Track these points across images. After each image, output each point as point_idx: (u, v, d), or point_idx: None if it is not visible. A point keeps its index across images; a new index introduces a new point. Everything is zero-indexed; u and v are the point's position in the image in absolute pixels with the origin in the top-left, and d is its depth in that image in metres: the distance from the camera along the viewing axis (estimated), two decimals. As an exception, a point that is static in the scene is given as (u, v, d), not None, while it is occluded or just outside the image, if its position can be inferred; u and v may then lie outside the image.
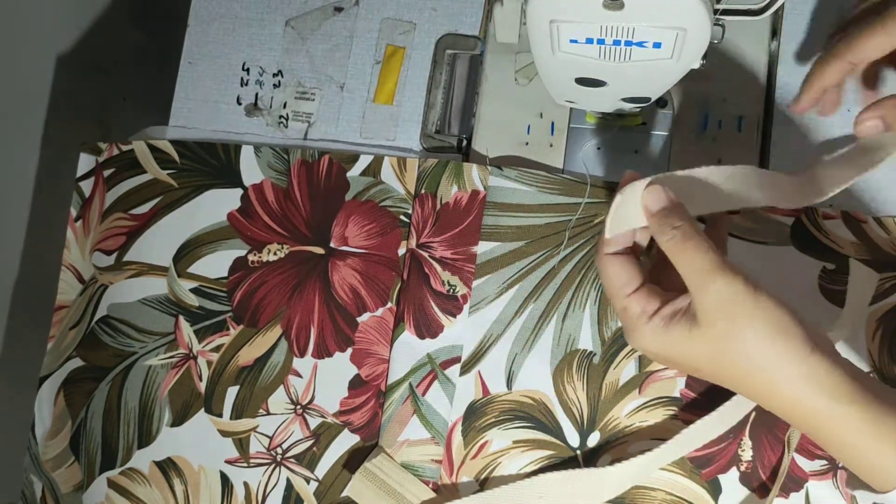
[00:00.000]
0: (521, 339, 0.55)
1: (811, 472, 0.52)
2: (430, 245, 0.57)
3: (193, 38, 0.62)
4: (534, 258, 0.56)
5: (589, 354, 0.55)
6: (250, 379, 0.57)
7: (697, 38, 0.42)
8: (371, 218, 0.58)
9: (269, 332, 0.57)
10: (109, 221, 0.60)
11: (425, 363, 0.56)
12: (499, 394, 0.55)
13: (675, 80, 0.48)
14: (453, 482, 0.55)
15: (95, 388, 0.58)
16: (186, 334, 0.58)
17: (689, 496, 0.53)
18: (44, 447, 0.59)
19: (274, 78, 0.61)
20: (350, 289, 0.57)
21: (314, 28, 0.61)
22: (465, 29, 0.60)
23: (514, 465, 0.54)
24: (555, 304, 0.55)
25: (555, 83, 0.52)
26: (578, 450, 0.54)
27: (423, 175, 0.57)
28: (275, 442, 0.56)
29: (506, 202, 0.57)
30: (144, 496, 0.57)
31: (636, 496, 0.53)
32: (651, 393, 0.54)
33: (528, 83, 0.58)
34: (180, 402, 0.57)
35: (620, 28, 0.42)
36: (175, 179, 0.60)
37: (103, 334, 0.59)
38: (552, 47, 0.45)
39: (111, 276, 0.59)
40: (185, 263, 0.59)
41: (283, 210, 0.59)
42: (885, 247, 0.54)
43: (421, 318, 0.56)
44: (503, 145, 0.58)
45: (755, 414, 0.53)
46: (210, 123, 0.61)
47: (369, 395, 0.56)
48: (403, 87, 0.60)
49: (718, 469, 0.53)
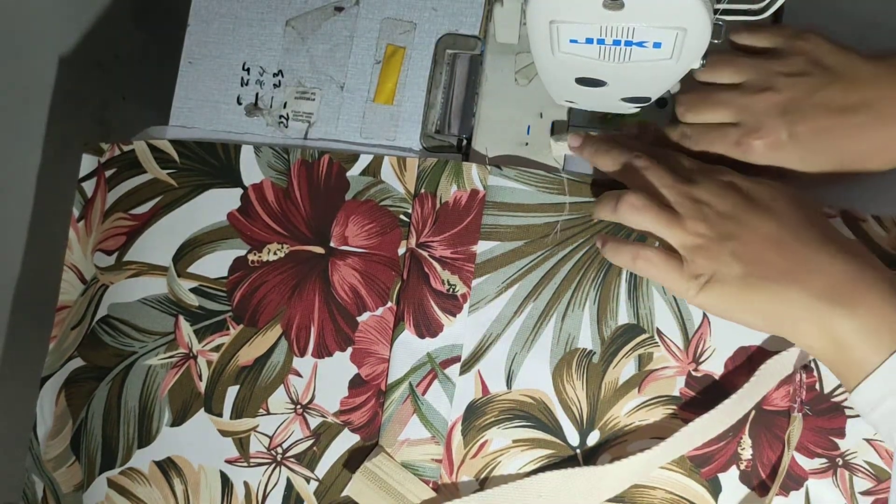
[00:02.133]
0: (520, 339, 0.55)
1: (811, 471, 0.52)
2: (429, 244, 0.57)
3: (193, 38, 0.62)
4: (533, 257, 0.56)
5: (588, 353, 0.55)
6: (250, 379, 0.57)
7: (697, 38, 0.42)
8: (371, 217, 0.58)
9: (269, 332, 0.57)
10: (110, 221, 0.60)
11: (425, 362, 0.56)
12: (498, 393, 0.55)
13: (676, 80, 0.48)
14: (453, 481, 0.55)
15: (96, 388, 0.58)
16: (186, 334, 0.58)
17: (688, 495, 0.53)
18: (45, 447, 0.59)
19: (274, 78, 0.61)
20: (350, 288, 0.57)
21: (314, 28, 0.61)
22: (465, 29, 0.60)
23: (514, 465, 0.54)
24: (554, 303, 0.55)
25: (555, 83, 0.52)
26: (578, 449, 0.54)
27: (423, 174, 0.58)
28: (275, 441, 0.56)
29: (505, 201, 0.57)
30: (144, 496, 0.57)
31: (636, 495, 0.53)
32: (650, 392, 0.54)
33: (528, 83, 0.58)
34: (180, 402, 0.57)
35: (620, 28, 0.42)
36: (175, 179, 0.60)
37: (104, 334, 0.59)
38: (552, 47, 0.45)
39: (112, 276, 0.59)
40: (185, 263, 0.59)
41: (282, 210, 0.59)
42: (885, 245, 0.54)
43: (421, 318, 0.56)
44: (503, 145, 0.58)
45: (755, 412, 0.53)
46: (210, 123, 0.61)
47: (369, 394, 0.56)
48: (403, 87, 0.60)
49: (718, 467, 0.53)
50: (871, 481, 0.52)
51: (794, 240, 0.47)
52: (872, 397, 0.44)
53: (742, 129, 0.51)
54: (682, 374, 0.54)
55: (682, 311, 0.54)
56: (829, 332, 0.45)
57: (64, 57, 0.73)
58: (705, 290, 0.48)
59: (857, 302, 0.45)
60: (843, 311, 0.45)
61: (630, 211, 0.50)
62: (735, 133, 0.51)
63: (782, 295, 0.46)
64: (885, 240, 0.54)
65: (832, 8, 0.57)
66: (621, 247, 0.52)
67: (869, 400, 0.45)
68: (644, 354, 0.54)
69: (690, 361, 0.54)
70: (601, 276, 0.55)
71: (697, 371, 0.54)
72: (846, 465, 0.52)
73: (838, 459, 0.52)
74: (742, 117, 0.51)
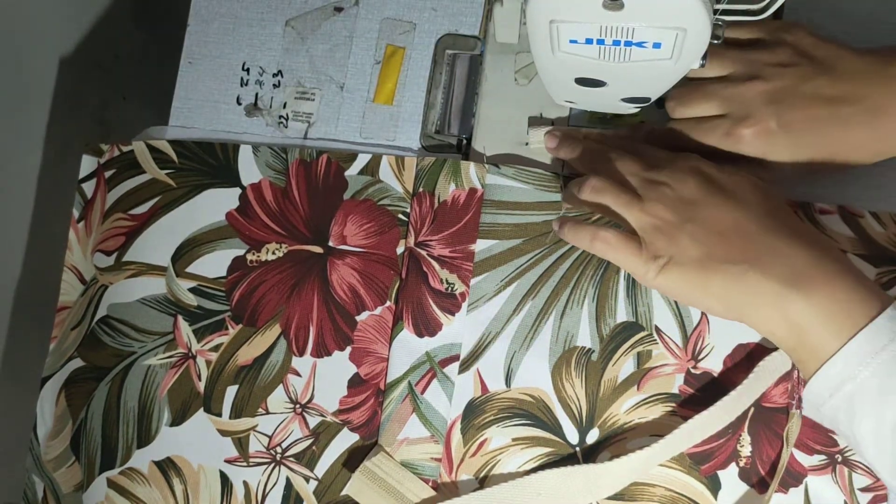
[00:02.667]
0: (519, 337, 0.56)
1: (810, 468, 0.52)
2: (428, 243, 0.57)
3: (193, 38, 0.62)
4: (531, 256, 0.56)
5: (587, 351, 0.55)
6: (249, 378, 0.57)
7: (697, 39, 0.43)
8: (369, 217, 0.58)
9: (268, 332, 0.58)
10: (110, 222, 0.60)
11: (424, 361, 0.56)
12: (498, 391, 0.55)
13: (676, 80, 0.48)
14: (453, 480, 0.55)
15: (95, 389, 0.58)
16: (185, 334, 0.58)
17: (688, 492, 0.53)
18: (45, 447, 0.59)
19: (274, 78, 0.61)
20: (349, 288, 0.57)
21: (314, 28, 0.61)
22: (465, 29, 0.60)
23: (514, 463, 0.54)
24: (553, 301, 0.56)
25: (555, 83, 0.52)
26: (577, 447, 0.54)
27: (421, 173, 0.58)
28: (274, 441, 0.56)
29: (503, 200, 0.57)
30: (144, 496, 0.57)
31: (635, 492, 0.53)
32: (649, 389, 0.54)
33: (528, 83, 0.59)
34: (179, 402, 0.57)
35: (620, 28, 0.42)
36: (173, 179, 0.60)
37: (103, 334, 0.59)
38: (552, 47, 0.45)
39: (111, 276, 0.59)
40: (184, 263, 0.59)
41: (281, 209, 0.59)
42: (882, 241, 0.54)
43: (420, 317, 0.56)
44: (503, 145, 0.58)
45: (754, 409, 0.53)
46: (210, 123, 0.62)
47: (368, 393, 0.56)
48: (403, 87, 0.60)
49: (717, 465, 0.53)
50: (871, 477, 0.52)
51: (755, 226, 0.47)
52: (831, 383, 0.45)
53: (731, 119, 0.51)
54: (681, 371, 0.54)
55: (681, 308, 0.55)
56: (787, 317, 0.45)
57: (64, 57, 0.73)
58: (664, 272, 0.48)
59: (816, 287, 0.45)
60: (800, 296, 0.45)
61: (591, 193, 0.51)
62: (725, 124, 0.51)
63: (740, 279, 0.46)
64: (883, 236, 0.54)
65: (832, 7, 0.57)
66: (579, 228, 0.52)
67: (829, 385, 0.45)
68: (643, 352, 0.54)
69: (689, 359, 0.54)
70: (599, 274, 0.55)
71: (696, 368, 0.54)
72: (845, 462, 0.52)
73: (837, 456, 0.52)
74: (731, 108, 0.51)
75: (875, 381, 0.43)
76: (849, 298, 0.45)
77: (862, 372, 0.44)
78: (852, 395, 0.44)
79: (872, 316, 0.44)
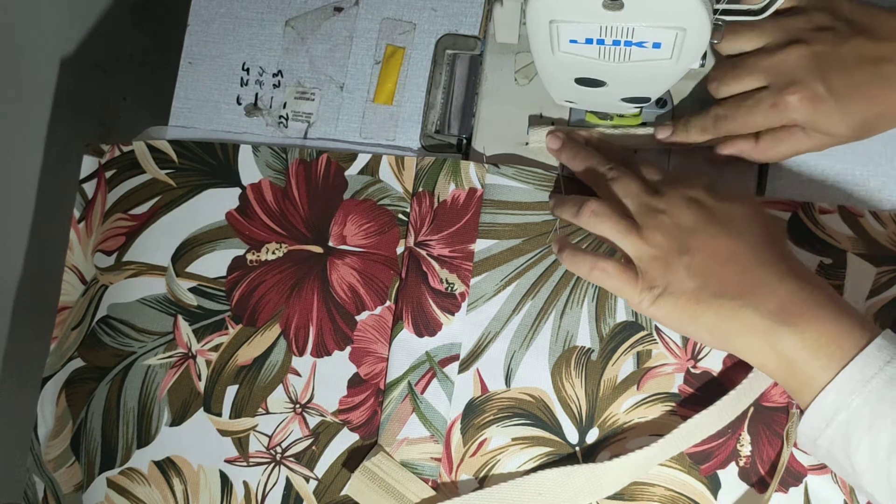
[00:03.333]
0: (519, 337, 0.56)
1: (810, 467, 0.52)
2: (427, 243, 0.57)
3: (193, 38, 0.62)
4: (531, 255, 0.56)
5: (587, 351, 0.55)
6: (249, 378, 0.57)
7: (697, 38, 0.43)
8: (369, 216, 0.58)
9: (268, 332, 0.58)
10: (110, 222, 0.60)
11: (424, 361, 0.56)
12: (497, 391, 0.55)
13: (675, 80, 0.48)
14: (453, 480, 0.55)
15: (95, 389, 0.58)
16: (185, 334, 0.58)
17: (687, 492, 0.53)
18: (46, 448, 0.59)
19: (274, 78, 0.61)
20: (349, 287, 0.57)
21: (314, 28, 0.61)
22: (465, 29, 0.60)
23: (514, 463, 0.54)
24: (553, 300, 0.56)
25: (555, 83, 0.52)
26: (577, 446, 0.54)
27: (421, 173, 0.58)
28: (274, 441, 0.56)
29: (503, 200, 0.57)
30: (144, 496, 0.57)
31: (635, 492, 0.53)
32: (649, 389, 0.54)
33: (528, 83, 0.59)
34: (179, 402, 0.57)
35: (620, 28, 0.42)
36: (173, 179, 0.60)
37: (103, 334, 0.59)
38: (552, 47, 0.45)
39: (111, 276, 0.59)
40: (184, 263, 0.59)
41: (281, 209, 0.59)
42: (882, 241, 0.54)
43: (419, 317, 0.56)
44: (503, 145, 0.58)
45: (753, 409, 0.53)
46: (210, 123, 0.62)
47: (368, 393, 0.56)
48: (403, 87, 0.60)
49: (717, 464, 0.53)
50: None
51: (750, 258, 0.48)
52: (826, 413, 0.45)
53: (774, 88, 0.50)
54: (681, 370, 0.54)
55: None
56: (777, 351, 0.46)
57: (65, 58, 0.73)
58: (658, 302, 0.48)
59: (805, 321, 0.45)
60: (790, 330, 0.45)
61: (590, 218, 0.51)
62: (769, 95, 0.50)
63: (733, 313, 0.47)
64: (883, 235, 0.54)
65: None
66: (579, 257, 0.52)
67: (824, 416, 0.45)
68: (643, 351, 0.54)
69: (689, 358, 0.54)
70: (600, 275, 0.55)
71: (696, 368, 0.54)
72: None
73: None
74: (773, 77, 0.50)
75: (867, 408, 0.44)
76: (838, 331, 0.45)
77: (854, 400, 0.44)
78: (847, 424, 0.45)
79: (862, 346, 0.45)
